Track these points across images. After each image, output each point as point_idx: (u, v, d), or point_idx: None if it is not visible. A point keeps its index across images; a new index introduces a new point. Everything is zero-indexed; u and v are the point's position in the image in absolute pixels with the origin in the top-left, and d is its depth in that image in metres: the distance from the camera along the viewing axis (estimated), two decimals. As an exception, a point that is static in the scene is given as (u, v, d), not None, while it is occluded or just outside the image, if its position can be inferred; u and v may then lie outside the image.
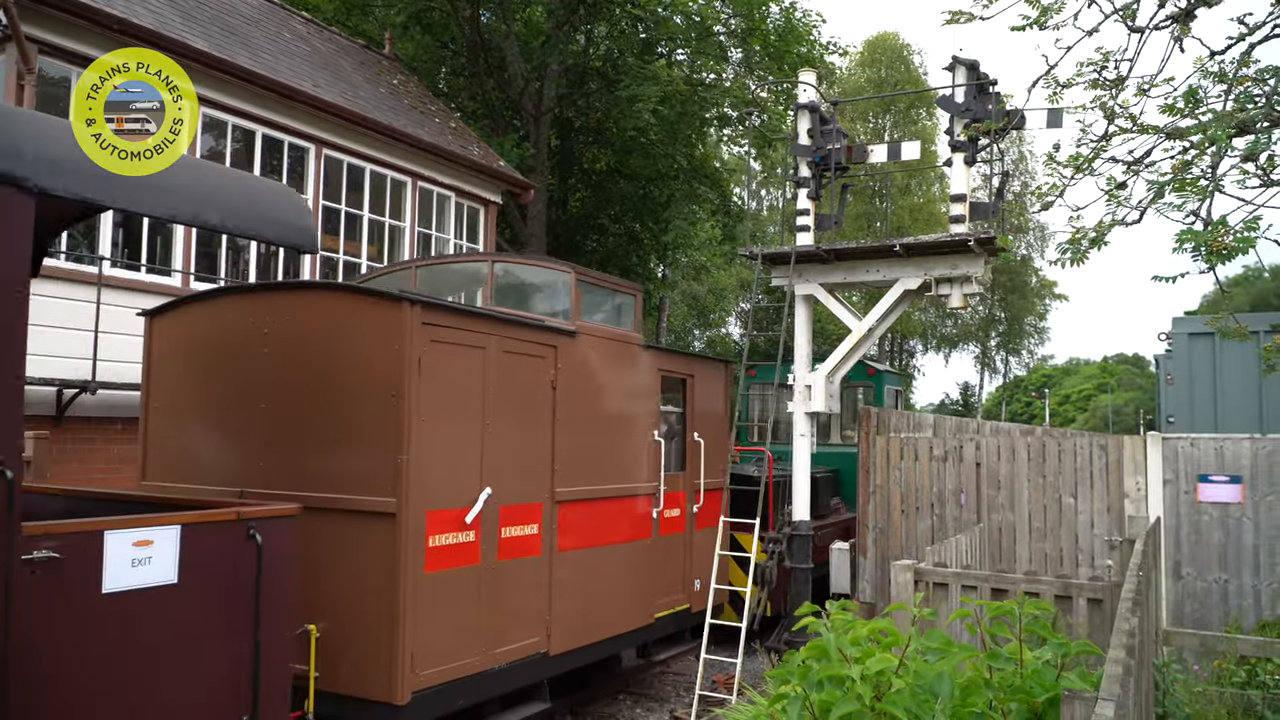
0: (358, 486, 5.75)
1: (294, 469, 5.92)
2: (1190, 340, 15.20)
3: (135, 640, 4.03)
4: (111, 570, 3.92)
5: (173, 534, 4.18)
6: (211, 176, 4.73)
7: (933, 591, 5.84)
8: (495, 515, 6.46)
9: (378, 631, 5.60)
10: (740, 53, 22.31)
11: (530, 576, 6.82)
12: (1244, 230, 4.61)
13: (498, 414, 6.50)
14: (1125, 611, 3.45)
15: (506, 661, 6.52)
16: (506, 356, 6.63)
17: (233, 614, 4.45)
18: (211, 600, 4.37)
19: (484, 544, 6.33)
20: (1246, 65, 5.19)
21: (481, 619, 6.30)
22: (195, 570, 4.26)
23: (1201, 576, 8.68)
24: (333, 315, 6.10)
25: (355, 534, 5.73)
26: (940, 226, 34.21)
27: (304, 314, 6.20)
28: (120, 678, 3.95)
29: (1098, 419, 71.35)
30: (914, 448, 10.04)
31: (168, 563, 4.15)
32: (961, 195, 8.97)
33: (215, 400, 6.51)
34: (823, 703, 2.88)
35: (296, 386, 6.04)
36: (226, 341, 6.46)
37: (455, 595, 6.05)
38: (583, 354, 7.54)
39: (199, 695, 4.29)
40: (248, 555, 4.50)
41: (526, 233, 21.56)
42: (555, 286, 8.09)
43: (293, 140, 12.41)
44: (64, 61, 9.73)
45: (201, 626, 4.33)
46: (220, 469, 6.29)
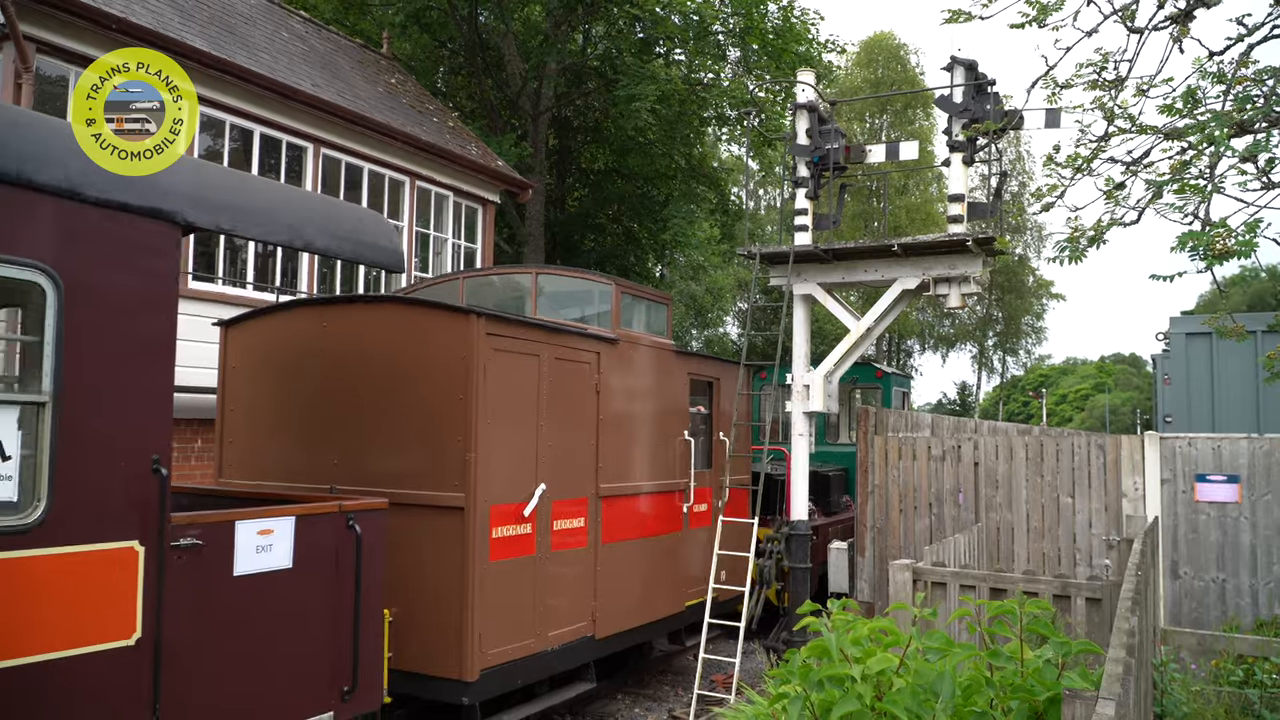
0: (429, 483, 6.27)
1: (367, 467, 6.45)
2: (1188, 340, 15.23)
3: (259, 618, 4.58)
4: (241, 555, 4.50)
5: (288, 524, 4.76)
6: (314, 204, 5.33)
7: (931, 591, 5.84)
8: (548, 509, 7.01)
9: (449, 615, 6.13)
10: (738, 52, 22.31)
11: (578, 566, 7.38)
12: (1245, 233, 4.62)
13: (549, 415, 7.08)
14: (1125, 611, 3.46)
15: (559, 644, 7.08)
16: (557, 363, 7.20)
17: (337, 596, 5.01)
18: (319, 583, 4.93)
19: (539, 536, 6.90)
20: (1245, 66, 5.21)
21: (537, 605, 6.85)
22: (306, 556, 4.83)
23: (1199, 576, 8.70)
24: (404, 326, 6.62)
25: (426, 527, 6.22)
26: (937, 226, 34.24)
27: (376, 324, 6.75)
28: (246, 650, 4.50)
29: (1095, 419, 71.45)
30: (912, 447, 10.05)
31: (285, 549, 4.74)
32: (960, 195, 8.98)
33: (289, 404, 6.98)
34: (823, 702, 2.88)
35: (368, 391, 6.55)
36: (300, 349, 6.94)
37: (515, 582, 6.60)
38: (622, 359, 8.11)
39: (309, 667, 4.87)
40: (348, 544, 5.08)
41: (524, 232, 21.56)
42: (598, 297, 8.64)
43: (291, 139, 12.40)
44: (62, 60, 9.71)
45: (311, 607, 4.89)
46: (295, 468, 6.76)
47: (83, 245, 3.76)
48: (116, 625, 3.87)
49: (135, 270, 3.96)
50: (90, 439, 3.78)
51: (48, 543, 3.63)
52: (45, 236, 3.63)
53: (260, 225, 4.62)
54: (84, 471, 3.75)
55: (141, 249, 3.97)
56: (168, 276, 4.07)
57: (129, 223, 3.92)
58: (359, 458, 6.51)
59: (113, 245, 3.88)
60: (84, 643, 3.74)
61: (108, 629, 3.83)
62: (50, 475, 3.62)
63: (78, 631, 3.72)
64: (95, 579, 3.81)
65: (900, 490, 10.02)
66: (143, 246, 3.97)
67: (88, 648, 3.75)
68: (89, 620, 3.77)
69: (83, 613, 3.76)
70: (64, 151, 3.70)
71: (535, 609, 6.83)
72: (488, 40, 22.65)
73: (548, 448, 7.03)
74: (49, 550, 3.64)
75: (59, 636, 3.65)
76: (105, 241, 3.85)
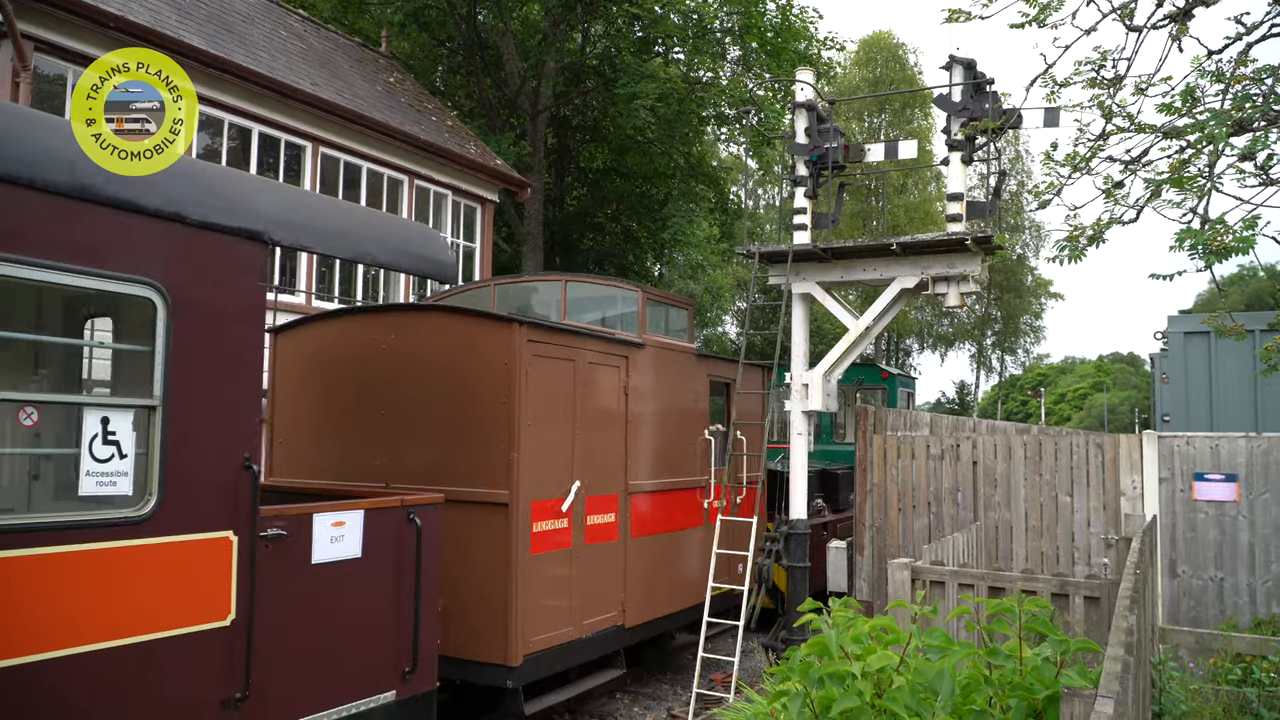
0: (474, 480, 6.68)
1: (413, 466, 6.83)
2: (1186, 339, 15.24)
3: (332, 602, 5.02)
4: (318, 545, 4.95)
5: (358, 517, 5.20)
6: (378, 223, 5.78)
7: (930, 590, 5.85)
8: (583, 505, 7.44)
9: (494, 604, 6.57)
10: (738, 50, 22.30)
11: (609, 558, 7.81)
12: (1243, 229, 4.62)
13: (583, 416, 7.50)
14: (1123, 610, 3.46)
15: (592, 632, 7.52)
16: (590, 366, 7.64)
17: (399, 583, 5.45)
18: (384, 572, 5.38)
19: (574, 530, 7.33)
20: (1244, 65, 5.21)
21: (573, 595, 7.29)
22: (373, 547, 5.27)
23: (1197, 574, 8.71)
24: (449, 333, 7.03)
25: (472, 521, 6.60)
26: (936, 225, 34.25)
27: (422, 332, 7.15)
28: (322, 632, 4.95)
29: (1093, 418, 71.50)
30: (911, 446, 10.05)
31: (355, 540, 5.19)
32: (958, 194, 8.97)
33: (338, 406, 7.35)
34: (823, 699, 2.88)
35: (415, 394, 6.94)
36: (347, 355, 7.34)
37: (553, 574, 7.05)
38: (649, 363, 8.54)
39: (375, 648, 5.32)
40: (409, 535, 5.52)
41: (523, 231, 21.54)
42: (625, 304, 9.08)
43: (289, 138, 12.39)
44: (60, 59, 9.71)
45: (377, 593, 5.34)
46: (343, 467, 7.11)
47: (186, 263, 4.18)
48: (214, 607, 4.29)
49: (230, 285, 4.39)
50: (192, 438, 4.18)
51: (157, 532, 4.02)
52: (155, 256, 4.04)
53: (334, 242, 5.11)
54: (187, 468, 4.15)
55: (236, 266, 4.41)
56: (257, 291, 4.53)
57: (225, 243, 4.35)
58: (406, 457, 6.89)
59: (211, 263, 4.30)
60: (187, 623, 4.15)
61: (207, 611, 4.25)
62: (160, 471, 4.02)
63: (181, 613, 4.13)
64: (196, 566, 4.23)
65: (899, 489, 10.02)
66: (237, 264, 4.41)
67: (190, 628, 4.17)
68: (191, 603, 4.19)
69: (185, 596, 4.17)
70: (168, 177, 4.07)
71: (571, 599, 7.25)
72: (486, 39, 22.63)
73: (582, 446, 7.43)
74: (158, 539, 4.03)
75: (166, 617, 4.06)
76: (205, 259, 4.27)
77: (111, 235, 3.87)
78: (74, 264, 3.74)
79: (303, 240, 4.87)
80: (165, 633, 4.04)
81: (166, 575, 4.07)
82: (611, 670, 8.06)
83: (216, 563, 4.31)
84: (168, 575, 4.08)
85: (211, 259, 4.30)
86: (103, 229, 3.85)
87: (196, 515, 4.21)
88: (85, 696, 3.77)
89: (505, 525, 6.58)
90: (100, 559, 3.81)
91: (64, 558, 3.68)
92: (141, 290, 3.99)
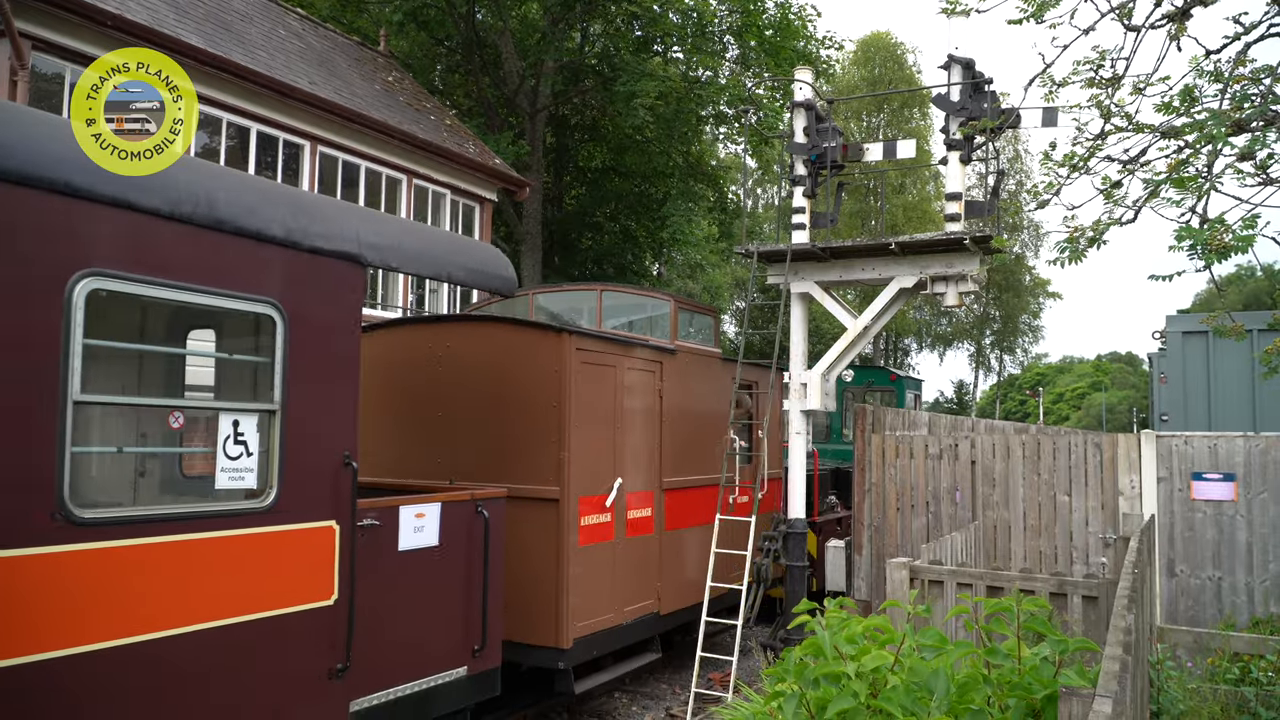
0: (527, 477, 7.20)
1: (471, 463, 7.35)
2: (1184, 339, 15.25)
3: (415, 586, 5.60)
4: (403, 534, 5.53)
5: (436, 509, 5.78)
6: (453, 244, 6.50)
7: (928, 589, 5.85)
8: (624, 500, 7.98)
9: (547, 591, 7.13)
10: (736, 49, 22.30)
11: (646, 550, 8.37)
12: (1243, 228, 4.62)
13: (623, 417, 8.06)
14: (1121, 609, 3.47)
15: (632, 618, 8.08)
16: (629, 371, 8.19)
17: (469, 570, 6.05)
18: (457, 559, 5.96)
19: (616, 524, 7.88)
20: (1242, 65, 5.21)
21: (614, 584, 7.81)
22: (448, 536, 5.85)
23: (1195, 574, 8.72)
24: (504, 341, 7.61)
25: (525, 515, 7.08)
26: (934, 225, 34.24)
27: (478, 340, 7.72)
28: (407, 612, 5.53)
29: (1091, 417, 71.55)
30: (909, 445, 10.06)
31: (433, 530, 5.75)
32: (957, 194, 8.97)
33: (400, 408, 7.77)
34: (819, 700, 2.88)
35: (473, 398, 7.50)
36: (409, 361, 7.83)
37: (598, 564, 7.57)
38: (680, 367, 9.06)
39: (450, 628, 5.90)
40: (478, 527, 6.11)
41: (522, 230, 21.54)
42: (657, 312, 9.69)
43: (287, 137, 12.38)
44: (57, 58, 9.70)
45: (451, 578, 5.93)
46: (406, 465, 7.52)
47: (299, 284, 4.76)
48: (321, 588, 4.85)
49: (333, 302, 4.97)
50: (303, 438, 4.73)
51: (276, 521, 4.58)
52: (275, 277, 4.63)
53: (416, 262, 5.69)
54: (299, 464, 4.70)
55: (338, 285, 5.00)
56: (355, 307, 5.11)
57: (330, 265, 4.95)
58: (464, 455, 7.42)
59: (319, 283, 4.89)
60: (300, 602, 4.71)
61: (315, 591, 4.81)
62: (279, 468, 4.59)
63: (295, 592, 4.70)
64: (307, 551, 4.79)
65: (897, 488, 10.03)
66: (339, 284, 5.01)
67: (302, 606, 4.72)
68: (302, 583, 4.75)
69: (298, 577, 4.73)
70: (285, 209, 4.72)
71: (613, 587, 7.79)
72: (485, 38, 22.61)
73: (622, 446, 7.99)
74: (277, 528, 4.60)
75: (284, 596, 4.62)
76: (314, 280, 4.86)
77: (241, 261, 4.47)
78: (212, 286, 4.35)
79: (390, 260, 5.45)
80: (283, 610, 4.62)
81: (283, 559, 4.65)
82: (648, 654, 8.61)
83: (322, 548, 4.87)
84: (284, 559, 4.65)
85: (319, 279, 4.89)
86: (234, 256, 4.44)
87: (306, 506, 4.76)
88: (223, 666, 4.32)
89: (556, 519, 7.16)
90: (233, 544, 4.40)
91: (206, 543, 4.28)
92: (265, 308, 4.61)
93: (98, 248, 3.86)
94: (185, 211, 4.18)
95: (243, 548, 4.43)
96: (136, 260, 4.02)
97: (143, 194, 3.99)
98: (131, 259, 4.00)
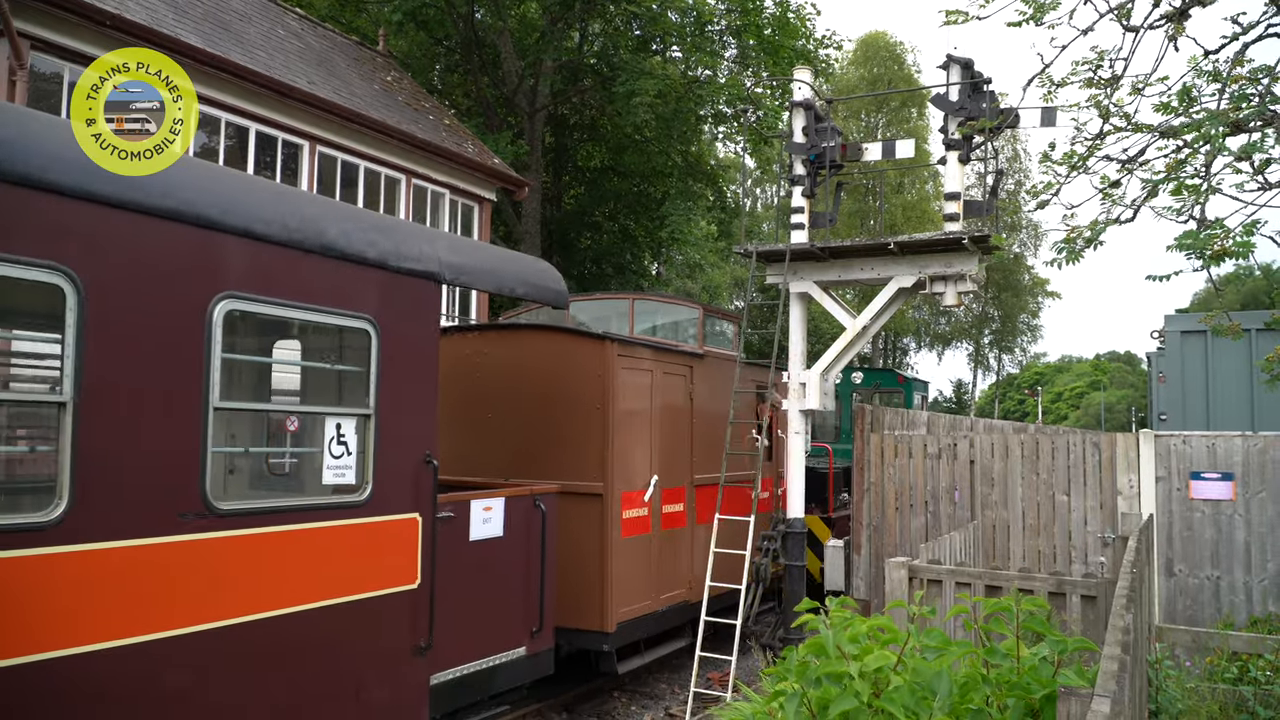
0: (574, 473, 7.81)
1: (520, 461, 7.93)
2: (1182, 338, 15.26)
3: (483, 573, 6.31)
4: (474, 526, 6.24)
5: (501, 504, 6.49)
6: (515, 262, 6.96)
7: (927, 588, 5.85)
8: (659, 496, 8.62)
9: (593, 579, 7.77)
10: (735, 48, 22.29)
11: (679, 542, 9.01)
12: (1243, 234, 4.62)
13: (658, 417, 8.69)
14: (1120, 609, 3.47)
15: (666, 605, 8.71)
16: (664, 375, 8.83)
17: (528, 558, 6.74)
18: (518, 548, 6.66)
19: (653, 518, 8.55)
20: (1240, 65, 5.21)
21: (651, 573, 8.43)
22: (511, 528, 6.55)
23: (1194, 573, 8.73)
24: (550, 349, 8.23)
25: (571, 509, 7.61)
26: (932, 224, 34.24)
27: (527, 346, 8.35)
28: (477, 596, 6.24)
29: (1090, 416, 71.58)
30: (908, 445, 10.06)
31: (498, 522, 6.45)
32: (955, 193, 8.97)
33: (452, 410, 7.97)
34: (820, 699, 2.88)
35: (523, 400, 8.10)
36: (462, 365, 8.30)
37: (637, 555, 8.20)
38: (707, 371, 9.65)
39: (513, 610, 6.61)
40: (535, 519, 6.83)
41: (521, 230, 21.52)
42: (686, 320, 10.42)
43: (286, 137, 12.37)
44: (56, 57, 9.69)
45: (514, 566, 6.64)
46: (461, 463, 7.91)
47: (389, 301, 5.34)
48: (407, 573, 5.44)
49: (417, 317, 5.57)
50: (392, 439, 5.30)
51: (371, 513, 5.18)
52: (371, 296, 5.23)
53: (485, 279, 6.35)
54: (389, 462, 5.28)
55: (421, 302, 5.61)
56: (434, 321, 5.74)
57: (413, 284, 5.53)
58: (514, 453, 8.00)
59: (406, 300, 5.48)
60: (390, 585, 5.32)
61: (403, 575, 5.41)
62: (373, 465, 5.18)
63: (386, 576, 5.30)
64: (395, 540, 5.36)
65: (896, 488, 10.04)
66: (421, 300, 5.61)
67: (393, 588, 5.33)
68: (392, 568, 5.33)
69: (389, 563, 5.32)
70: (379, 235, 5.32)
71: (650, 577, 8.39)
72: (484, 38, 22.60)
73: (657, 444, 8.62)
74: (372, 519, 5.19)
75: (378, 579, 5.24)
76: (400, 297, 5.43)
77: (344, 282, 5.09)
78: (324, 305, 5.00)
79: (462, 278, 6.04)
80: (377, 592, 5.22)
81: (376, 546, 5.24)
82: (681, 639, 9.19)
83: (408, 538, 5.45)
84: (377, 546, 5.24)
85: (405, 297, 5.48)
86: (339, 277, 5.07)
87: (395, 500, 5.34)
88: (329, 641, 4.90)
89: (601, 512, 7.82)
90: (337, 534, 5.00)
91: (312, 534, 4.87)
92: (362, 324, 5.21)
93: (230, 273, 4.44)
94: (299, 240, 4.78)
95: (344, 537, 5.04)
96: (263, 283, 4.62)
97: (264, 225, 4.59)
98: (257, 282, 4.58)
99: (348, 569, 5.00)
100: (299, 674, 4.76)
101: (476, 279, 6.24)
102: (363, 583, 5.11)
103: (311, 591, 4.80)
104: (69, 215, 3.75)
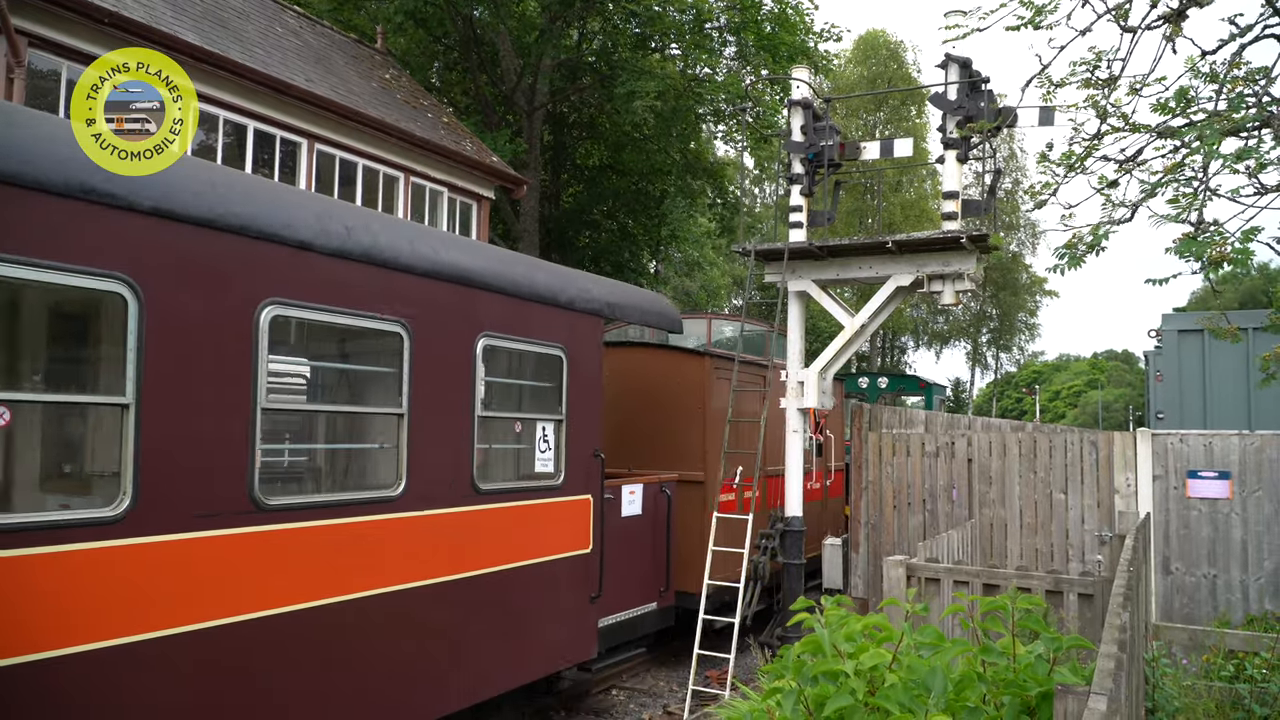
0: (680, 465, 9.56)
1: (638, 455, 9.64)
2: (1180, 337, 15.29)
3: (630, 542, 8.34)
4: (624, 505, 8.27)
5: (641, 488, 8.59)
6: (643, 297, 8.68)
7: (924, 587, 5.87)
8: (741, 484, 9.96)
9: (696, 552, 9.25)
10: (734, 46, 22.26)
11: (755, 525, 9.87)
12: (1242, 241, 4.64)
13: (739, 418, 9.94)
14: (1116, 607, 3.49)
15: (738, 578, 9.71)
16: (743, 383, 10.13)
17: (657, 532, 8.83)
18: (651, 524, 8.74)
19: (737, 502, 9.87)
20: (1237, 66, 5.23)
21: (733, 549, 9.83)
22: (647, 508, 8.65)
23: (1190, 571, 8.75)
24: (661, 362, 10.03)
25: (679, 494, 9.31)
26: (931, 223, 34.25)
27: (640, 361, 10.08)
28: (626, 561, 8.21)
29: (1087, 415, 71.64)
30: (906, 443, 10.08)
31: (639, 503, 8.53)
32: (954, 192, 8.98)
33: None
34: (817, 697, 2.90)
35: (640, 405, 9.80)
36: None
37: (726, 533, 9.37)
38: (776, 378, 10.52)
39: (648, 574, 8.72)
40: (662, 502, 8.95)
41: (519, 228, 21.51)
42: (758, 337, 12.20)
43: (285, 135, 12.37)
44: (54, 55, 9.67)
45: (649, 538, 8.72)
46: None
47: (573, 333, 7.21)
48: (583, 540, 7.33)
49: (589, 345, 7.43)
50: (575, 438, 7.21)
51: (563, 494, 7.08)
52: (562, 329, 7.11)
53: (629, 313, 8.13)
54: (573, 456, 7.20)
55: (591, 333, 7.48)
56: (599, 347, 7.62)
57: (588, 320, 7.44)
58: (633, 449, 9.60)
59: (583, 332, 7.34)
60: (574, 549, 7.22)
61: (581, 542, 7.30)
62: (565, 458, 7.11)
63: (572, 542, 7.19)
64: (577, 515, 7.25)
65: (894, 486, 10.06)
66: (592, 331, 7.49)
67: (575, 551, 7.23)
68: (575, 536, 7.22)
69: (573, 532, 7.20)
70: (566, 283, 7.25)
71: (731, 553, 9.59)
72: (483, 36, 22.57)
73: (738, 440, 9.84)
74: (564, 499, 7.10)
75: (568, 544, 7.15)
76: (580, 330, 7.31)
77: (549, 320, 6.95)
78: (537, 339, 6.81)
79: (616, 314, 7.82)
80: (568, 553, 7.12)
81: (566, 519, 7.08)
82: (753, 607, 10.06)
83: (584, 514, 7.32)
84: (566, 519, 7.09)
85: (583, 330, 7.31)
86: (548, 318, 6.92)
87: (577, 484, 7.23)
88: (543, 587, 6.78)
89: (703, 497, 9.44)
90: (544, 509, 6.87)
91: (531, 508, 6.73)
92: (557, 351, 7.08)
93: (489, 319, 6.35)
94: (512, 288, 6.56)
95: (548, 511, 6.89)
96: (509, 326, 6.63)
97: (515, 286, 6.63)
98: (507, 325, 6.56)
99: (552, 535, 6.87)
100: (529, 608, 6.63)
101: (625, 313, 8.00)
102: (561, 545, 6.99)
103: (534, 550, 6.69)
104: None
